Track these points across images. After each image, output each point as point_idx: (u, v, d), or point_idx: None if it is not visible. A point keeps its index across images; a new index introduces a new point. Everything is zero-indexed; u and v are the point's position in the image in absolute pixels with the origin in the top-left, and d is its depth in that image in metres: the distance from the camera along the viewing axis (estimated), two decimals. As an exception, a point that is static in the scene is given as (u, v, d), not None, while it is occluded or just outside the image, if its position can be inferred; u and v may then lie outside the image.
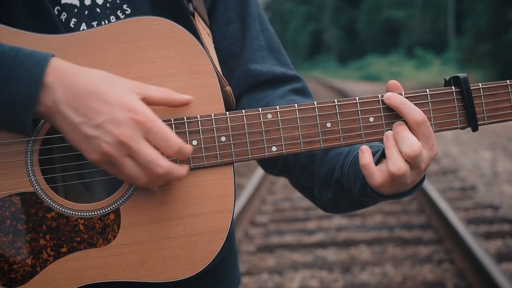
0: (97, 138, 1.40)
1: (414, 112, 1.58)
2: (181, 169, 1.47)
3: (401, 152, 1.55)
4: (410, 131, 1.57)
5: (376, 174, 1.56)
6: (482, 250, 5.87)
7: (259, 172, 10.19)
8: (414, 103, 1.60)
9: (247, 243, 7.26)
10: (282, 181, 10.62)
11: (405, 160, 1.55)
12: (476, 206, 8.36)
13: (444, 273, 6.14)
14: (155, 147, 1.43)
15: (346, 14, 66.48)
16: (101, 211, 1.51)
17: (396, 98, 1.59)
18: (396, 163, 1.54)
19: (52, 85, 1.41)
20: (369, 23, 60.01)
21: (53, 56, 1.44)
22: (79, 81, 1.42)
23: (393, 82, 1.63)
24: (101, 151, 1.41)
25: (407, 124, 1.59)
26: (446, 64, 42.70)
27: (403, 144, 1.55)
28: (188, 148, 1.46)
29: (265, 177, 10.23)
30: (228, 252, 1.84)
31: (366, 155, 1.56)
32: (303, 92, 1.87)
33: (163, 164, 1.43)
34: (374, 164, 1.56)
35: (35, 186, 1.49)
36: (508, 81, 1.66)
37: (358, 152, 1.65)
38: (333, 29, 66.49)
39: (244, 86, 1.84)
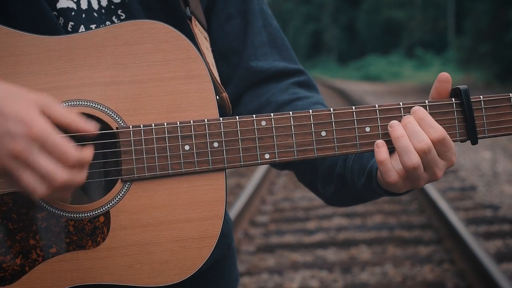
0: None
1: (430, 129, 1.54)
2: (81, 175, 1.43)
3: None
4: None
5: (393, 171, 1.54)
6: (482, 250, 5.87)
7: (259, 172, 10.19)
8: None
9: (247, 243, 7.26)
10: (282, 181, 10.63)
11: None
12: (476, 206, 8.36)
13: (444, 273, 6.13)
14: (54, 160, 1.40)
15: (346, 14, 66.48)
16: (91, 213, 1.50)
17: (417, 114, 1.56)
18: (410, 157, 1.53)
19: None
20: (369, 23, 60.01)
21: None
22: None
23: (444, 75, 1.59)
24: None
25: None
26: (446, 64, 42.68)
27: (413, 139, 1.53)
28: (87, 157, 1.42)
29: (265, 177, 10.23)
30: (225, 251, 1.84)
31: (382, 151, 1.55)
32: (307, 85, 1.86)
33: (60, 175, 1.39)
34: (390, 161, 1.54)
35: None
36: (510, 94, 1.62)
37: None
38: (333, 29, 66.49)
39: (246, 83, 1.82)
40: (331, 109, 1.57)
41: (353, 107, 1.58)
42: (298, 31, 67.61)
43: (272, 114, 1.56)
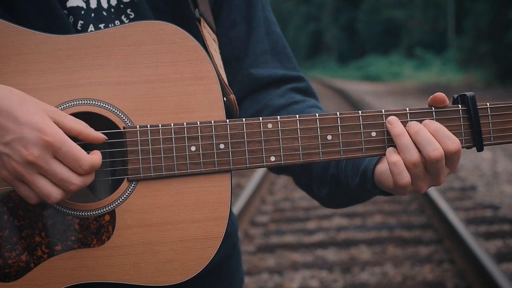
0: (7, 156, 1.41)
1: (428, 146, 1.53)
2: (91, 178, 1.46)
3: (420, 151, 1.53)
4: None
5: (406, 173, 1.52)
6: (482, 250, 5.88)
7: (259, 172, 10.20)
8: (418, 120, 1.56)
9: (247, 243, 7.27)
10: (282, 181, 10.64)
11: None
12: (476, 206, 8.37)
13: (444, 273, 6.15)
14: (66, 166, 1.43)
15: (346, 14, 66.49)
16: (96, 212, 1.52)
17: (412, 127, 1.55)
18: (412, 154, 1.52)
19: None
20: (369, 23, 60.01)
21: None
22: None
23: (439, 95, 1.58)
24: (10, 169, 1.41)
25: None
26: (446, 64, 42.70)
27: (427, 146, 1.52)
28: (97, 162, 1.45)
29: (265, 177, 10.24)
30: (230, 251, 1.85)
31: (392, 151, 1.54)
32: (305, 92, 1.87)
33: (75, 181, 1.43)
34: (403, 162, 1.53)
35: None
36: None
37: None
38: (333, 29, 66.49)
39: (246, 89, 1.85)
40: (338, 113, 1.58)
41: (360, 112, 1.58)
42: (298, 31, 67.60)
43: (278, 117, 1.57)
